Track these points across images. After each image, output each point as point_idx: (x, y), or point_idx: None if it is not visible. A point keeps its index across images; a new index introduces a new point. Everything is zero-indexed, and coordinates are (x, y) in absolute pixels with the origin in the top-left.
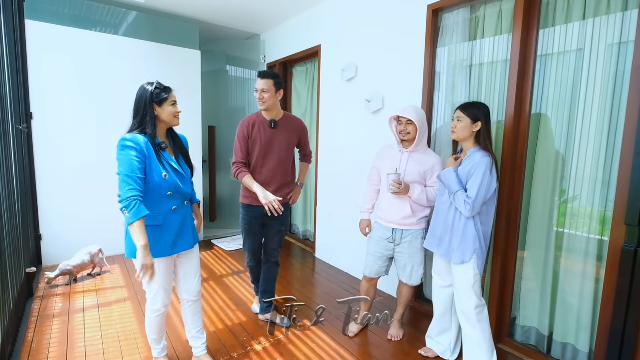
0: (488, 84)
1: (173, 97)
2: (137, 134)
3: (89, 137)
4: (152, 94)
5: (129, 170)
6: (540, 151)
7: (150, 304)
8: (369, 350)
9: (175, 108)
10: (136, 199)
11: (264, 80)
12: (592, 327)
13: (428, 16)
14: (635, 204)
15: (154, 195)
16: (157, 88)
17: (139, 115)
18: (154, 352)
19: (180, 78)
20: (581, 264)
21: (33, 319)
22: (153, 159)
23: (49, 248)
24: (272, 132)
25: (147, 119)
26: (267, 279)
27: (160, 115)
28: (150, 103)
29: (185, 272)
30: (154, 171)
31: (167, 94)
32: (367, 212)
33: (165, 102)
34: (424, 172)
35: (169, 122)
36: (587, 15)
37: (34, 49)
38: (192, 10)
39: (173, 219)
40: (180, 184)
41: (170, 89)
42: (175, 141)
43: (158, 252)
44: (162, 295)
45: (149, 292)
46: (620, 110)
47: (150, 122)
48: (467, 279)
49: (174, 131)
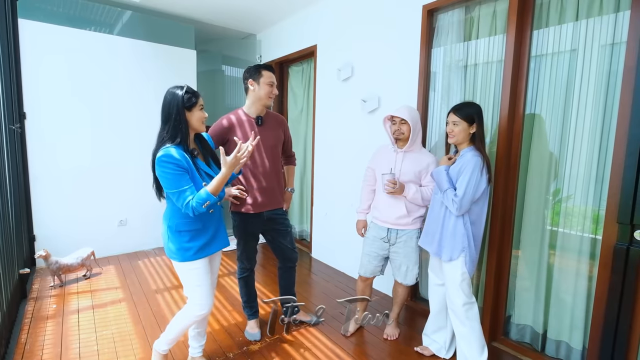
0: (483, 84)
1: (201, 102)
2: (169, 147)
3: (84, 137)
4: (183, 99)
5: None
6: (534, 150)
7: (197, 310)
8: (365, 349)
9: (203, 113)
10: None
11: (273, 74)
12: (586, 324)
13: (423, 16)
14: (627, 203)
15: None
16: (187, 92)
17: (171, 122)
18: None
19: (175, 78)
20: (575, 262)
21: (27, 320)
22: (193, 171)
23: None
24: (260, 130)
25: (181, 126)
26: (289, 285)
27: (190, 120)
28: (182, 108)
29: (212, 269)
30: (196, 182)
31: (196, 99)
32: (363, 212)
33: (194, 107)
34: (418, 172)
35: (197, 127)
36: (580, 16)
37: (28, 48)
38: (188, 9)
39: (211, 220)
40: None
41: (198, 93)
42: (203, 144)
43: (200, 254)
44: (210, 297)
45: (195, 297)
46: (613, 110)
47: (183, 129)
48: (455, 277)
49: (201, 134)
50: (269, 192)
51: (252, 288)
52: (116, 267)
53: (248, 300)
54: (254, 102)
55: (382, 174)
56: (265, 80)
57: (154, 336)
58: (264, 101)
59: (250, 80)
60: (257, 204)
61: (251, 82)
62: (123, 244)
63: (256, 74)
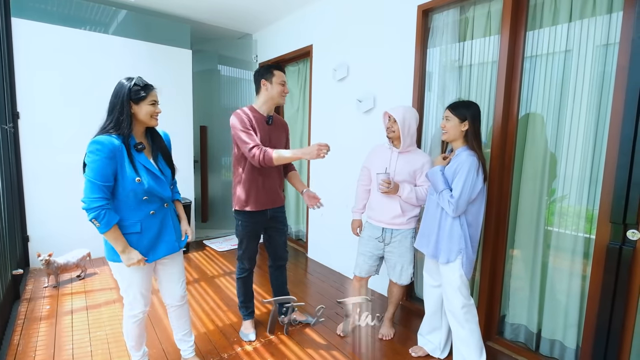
0: (478, 85)
1: (153, 96)
2: (110, 134)
3: (78, 137)
4: (130, 91)
5: (97, 176)
6: (528, 151)
7: (127, 309)
8: (360, 349)
9: (154, 107)
10: (104, 208)
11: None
12: (579, 323)
13: (418, 16)
14: (619, 202)
15: (128, 201)
16: (136, 85)
17: (114, 113)
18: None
19: (171, 78)
20: (569, 261)
21: (20, 321)
22: (125, 164)
23: (36, 250)
24: (269, 129)
25: (123, 117)
26: (281, 284)
27: (137, 114)
28: (127, 100)
29: (169, 277)
30: (127, 176)
31: (146, 92)
32: (358, 212)
33: (143, 101)
34: (413, 172)
35: (146, 122)
36: (574, 17)
37: (21, 47)
38: (184, 9)
39: (151, 223)
40: (156, 186)
41: (151, 86)
42: (155, 140)
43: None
44: (140, 300)
45: (126, 297)
46: (606, 111)
47: (125, 121)
48: (453, 279)
49: (155, 129)
50: (272, 191)
51: (249, 289)
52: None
53: (245, 300)
54: (266, 101)
55: (377, 174)
56: (277, 80)
57: (149, 337)
58: (277, 100)
59: (263, 80)
60: (262, 202)
61: (264, 82)
62: None
63: (268, 73)
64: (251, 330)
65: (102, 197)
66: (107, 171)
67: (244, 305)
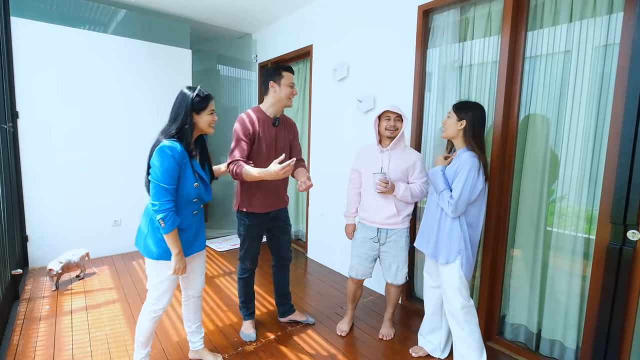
0: (478, 85)
1: (212, 106)
2: (175, 141)
3: (77, 137)
4: (193, 101)
5: (167, 181)
6: (528, 151)
7: (151, 304)
8: (360, 349)
9: (212, 117)
10: (172, 210)
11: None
12: (579, 324)
13: (419, 17)
14: (620, 203)
15: (181, 201)
16: (198, 95)
17: (178, 122)
18: (138, 357)
19: (170, 77)
20: (569, 262)
21: (19, 321)
22: (187, 169)
23: (35, 249)
24: (276, 131)
25: (186, 127)
26: (284, 284)
27: (198, 123)
28: (190, 111)
29: (196, 269)
30: (187, 181)
31: (206, 103)
32: (351, 216)
33: (203, 111)
34: (405, 169)
35: (205, 130)
36: (574, 17)
37: (20, 47)
38: (183, 8)
39: (192, 222)
40: (204, 190)
41: (210, 96)
42: (203, 148)
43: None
44: (166, 295)
45: (154, 292)
46: (606, 111)
47: (188, 130)
48: (452, 280)
49: (203, 137)
50: (276, 192)
51: (251, 289)
52: (110, 268)
53: (246, 300)
54: (274, 102)
55: (374, 173)
56: (286, 82)
57: None
58: (284, 102)
59: (271, 82)
60: (266, 204)
61: (272, 83)
62: (117, 244)
63: (277, 75)
64: (251, 330)
65: (170, 199)
66: (175, 175)
67: (244, 306)
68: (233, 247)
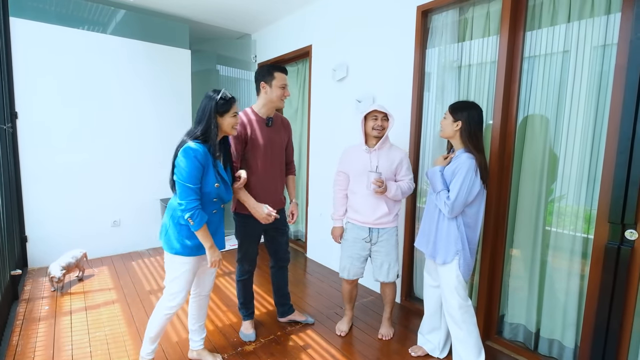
0: (477, 85)
1: (235, 109)
2: (199, 142)
3: (76, 137)
4: (217, 104)
5: (193, 181)
6: (527, 151)
7: (167, 300)
8: (360, 349)
9: (235, 119)
10: (198, 208)
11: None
12: (578, 323)
13: (417, 17)
14: (618, 202)
15: (203, 200)
16: (222, 99)
17: (203, 124)
18: (145, 351)
19: (169, 78)
20: (567, 261)
21: (18, 322)
22: (210, 170)
23: (35, 250)
24: (269, 131)
25: (212, 129)
26: (283, 284)
27: (222, 125)
28: (215, 113)
29: (209, 270)
30: (209, 181)
31: (229, 106)
32: (340, 219)
33: (227, 113)
34: (394, 168)
35: (228, 132)
36: (572, 17)
37: (19, 47)
38: (182, 8)
39: (212, 220)
40: (224, 190)
41: (234, 99)
42: (226, 150)
43: (195, 251)
44: (183, 292)
45: (172, 288)
46: (604, 111)
47: (213, 132)
48: (450, 279)
49: (227, 138)
50: (273, 193)
51: (250, 290)
52: (109, 268)
53: (245, 301)
54: (265, 103)
55: (370, 172)
56: (277, 83)
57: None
58: (276, 103)
59: (262, 83)
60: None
61: (263, 84)
62: (117, 245)
63: (268, 75)
64: (251, 330)
65: (195, 198)
66: (198, 175)
67: (244, 306)
68: (232, 247)
